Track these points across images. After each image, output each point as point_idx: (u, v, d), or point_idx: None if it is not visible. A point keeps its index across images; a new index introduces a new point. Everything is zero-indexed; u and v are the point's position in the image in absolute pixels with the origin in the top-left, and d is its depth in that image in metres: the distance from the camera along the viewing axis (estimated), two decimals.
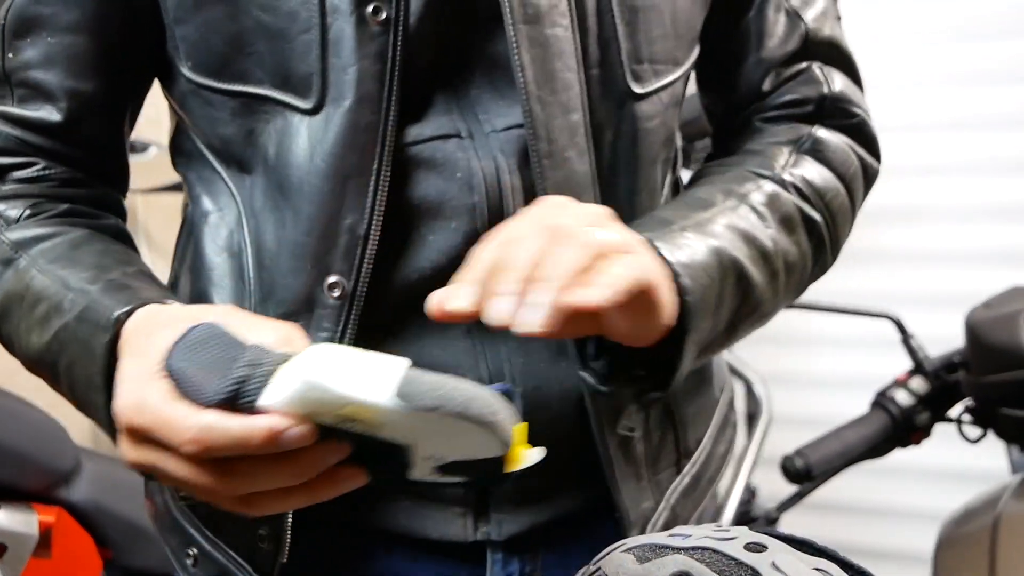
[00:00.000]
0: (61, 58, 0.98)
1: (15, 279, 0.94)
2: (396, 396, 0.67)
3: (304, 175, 0.92)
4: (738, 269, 0.93)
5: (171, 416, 0.71)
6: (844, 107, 1.10)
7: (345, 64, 0.90)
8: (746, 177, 1.01)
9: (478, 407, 0.69)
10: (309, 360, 0.69)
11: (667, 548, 0.72)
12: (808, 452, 1.89)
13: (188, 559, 1.04)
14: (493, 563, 1.01)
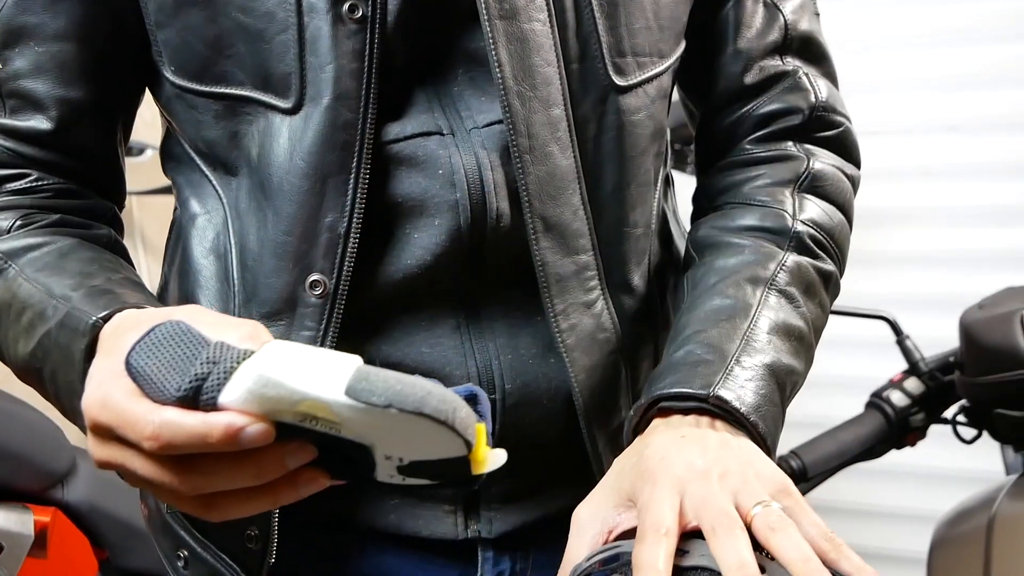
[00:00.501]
0: (50, 66, 0.97)
1: (3, 289, 0.94)
2: (347, 392, 0.66)
3: (284, 174, 0.93)
4: (788, 372, 0.94)
5: (132, 412, 0.71)
6: (829, 117, 1.11)
7: (322, 63, 0.91)
8: (766, 254, 1.01)
9: (434, 404, 0.67)
10: (265, 356, 0.69)
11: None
12: (803, 453, 1.88)
13: (179, 561, 1.05)
14: (483, 561, 1.02)
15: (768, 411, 0.89)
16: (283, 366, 0.68)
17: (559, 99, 0.95)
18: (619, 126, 0.98)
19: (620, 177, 1.00)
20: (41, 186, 1.00)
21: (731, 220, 1.05)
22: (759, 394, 0.89)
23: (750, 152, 1.10)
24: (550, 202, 0.94)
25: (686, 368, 0.90)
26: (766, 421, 0.88)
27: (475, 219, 0.94)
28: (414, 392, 0.67)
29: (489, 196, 0.94)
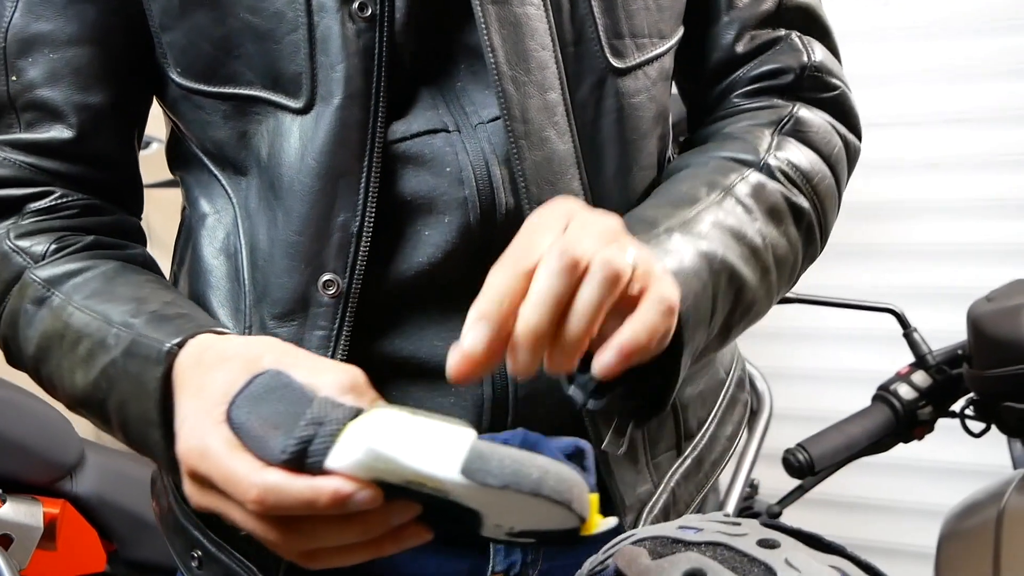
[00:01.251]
0: (66, 72, 0.97)
1: (52, 318, 0.93)
2: (463, 472, 0.65)
3: (295, 174, 0.93)
4: (729, 270, 0.90)
5: (234, 471, 0.70)
6: (824, 79, 1.08)
7: (333, 62, 0.91)
8: (730, 167, 0.99)
9: (551, 486, 0.66)
10: (375, 425, 0.67)
11: (679, 543, 0.73)
12: (810, 446, 1.89)
13: (193, 561, 1.05)
14: (495, 552, 1.02)
15: (689, 282, 0.85)
16: (393, 440, 0.66)
17: (555, 83, 0.94)
18: (619, 109, 0.98)
19: (622, 161, 0.99)
20: (66, 203, 0.99)
21: (703, 152, 1.03)
22: (682, 263, 0.85)
23: (737, 104, 1.08)
24: (548, 188, 0.93)
25: None
26: (684, 288, 0.83)
27: (484, 215, 0.94)
28: (531, 473, 0.65)
29: (497, 192, 0.94)
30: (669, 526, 0.76)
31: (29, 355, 0.96)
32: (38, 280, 0.95)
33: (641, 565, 0.71)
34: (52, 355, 0.93)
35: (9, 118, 0.99)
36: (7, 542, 1.89)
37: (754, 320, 0.99)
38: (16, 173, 0.99)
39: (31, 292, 0.95)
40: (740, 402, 1.21)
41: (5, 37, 0.97)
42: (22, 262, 0.96)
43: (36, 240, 0.97)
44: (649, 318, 0.72)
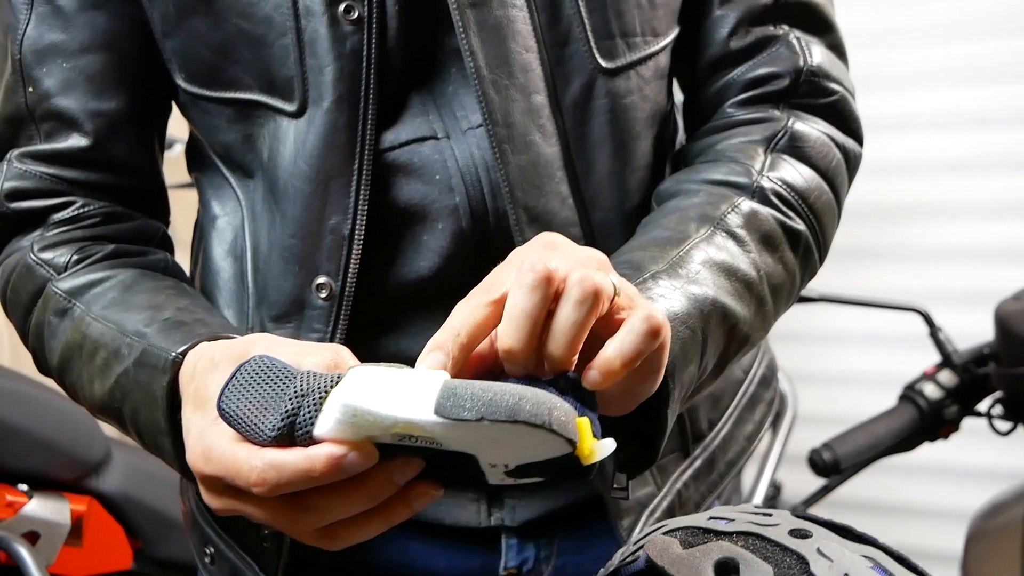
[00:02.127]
0: (79, 80, 0.98)
1: (72, 329, 0.93)
2: (436, 411, 0.64)
3: (289, 177, 0.93)
4: (721, 310, 0.87)
5: (234, 460, 0.70)
6: (820, 84, 1.03)
7: (321, 65, 0.91)
8: (720, 195, 0.95)
9: (527, 409, 0.64)
10: (349, 384, 0.68)
11: (710, 533, 0.73)
12: (836, 445, 1.88)
13: (207, 557, 1.06)
14: (507, 548, 1.02)
15: (676, 331, 0.81)
16: (368, 392, 0.66)
17: (540, 86, 0.93)
18: (610, 110, 0.96)
19: (615, 162, 0.98)
20: (88, 212, 1.00)
21: (695, 173, 0.99)
22: (670, 310, 0.82)
23: (730, 116, 1.04)
24: (533, 192, 0.93)
25: None
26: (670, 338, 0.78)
27: (476, 220, 0.94)
28: (505, 400, 0.64)
29: (488, 197, 0.94)
30: (700, 516, 0.75)
31: (54, 366, 0.97)
32: (59, 292, 0.96)
33: (672, 554, 0.70)
34: (73, 365, 0.94)
35: (29, 130, 1.00)
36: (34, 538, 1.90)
37: (751, 349, 0.95)
38: (38, 185, 1.00)
39: (53, 304, 0.96)
40: (763, 401, 1.19)
41: (20, 49, 0.98)
42: (45, 274, 0.97)
43: (58, 252, 0.98)
44: (632, 338, 0.69)
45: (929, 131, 2.90)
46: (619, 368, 0.69)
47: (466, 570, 1.02)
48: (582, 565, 1.03)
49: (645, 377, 0.74)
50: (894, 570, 0.69)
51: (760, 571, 0.67)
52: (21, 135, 1.01)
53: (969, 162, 2.89)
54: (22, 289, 0.99)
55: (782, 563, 0.68)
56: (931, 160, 2.91)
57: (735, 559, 0.68)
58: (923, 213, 2.92)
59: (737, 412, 1.14)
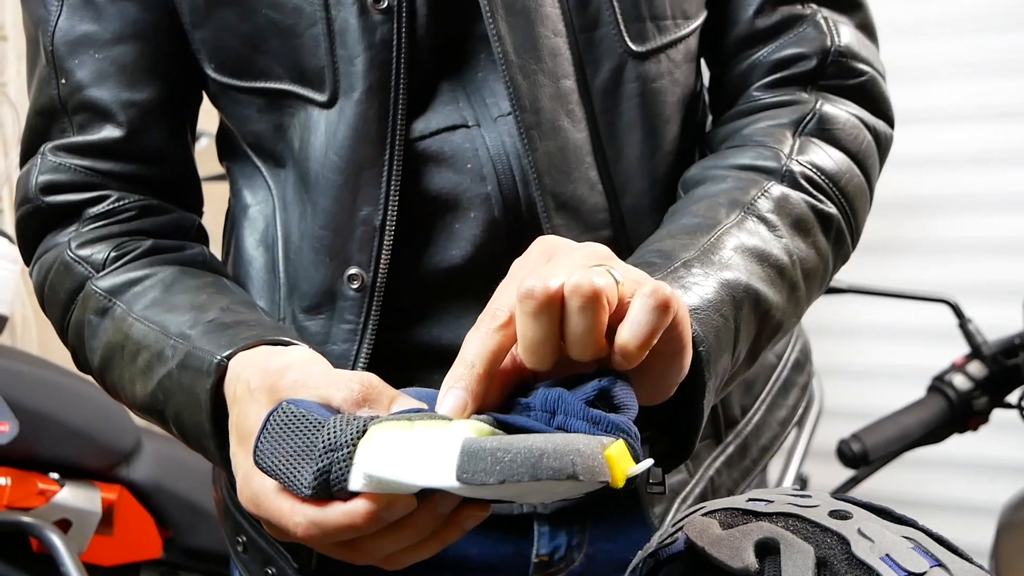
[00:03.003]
0: (112, 71, 0.98)
1: (113, 329, 0.93)
2: (458, 478, 0.63)
3: (320, 168, 0.93)
4: (753, 296, 0.85)
5: (279, 513, 0.71)
6: (849, 64, 1.00)
7: (352, 55, 0.91)
8: (750, 180, 0.93)
9: (549, 465, 0.62)
10: (373, 450, 0.67)
11: (750, 514, 0.72)
12: (864, 436, 1.87)
13: (239, 545, 1.06)
14: (539, 536, 1.02)
15: (710, 318, 0.80)
16: (388, 461, 0.66)
17: (569, 70, 0.93)
18: (640, 94, 0.95)
19: (645, 146, 0.97)
20: (124, 206, 0.99)
21: (722, 159, 0.97)
22: (703, 297, 0.81)
23: (757, 99, 1.01)
24: (562, 178, 0.93)
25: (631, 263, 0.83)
26: (704, 326, 0.79)
27: (509, 208, 0.94)
28: (526, 459, 0.62)
29: (520, 185, 0.93)
30: (739, 499, 0.75)
31: (95, 365, 0.97)
32: (99, 291, 0.95)
33: (712, 535, 0.70)
34: (114, 365, 0.94)
35: (62, 122, 1.00)
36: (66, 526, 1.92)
37: (783, 336, 0.94)
38: (73, 178, 0.99)
39: (93, 303, 0.96)
40: (796, 386, 1.18)
41: (52, 41, 0.98)
42: (84, 272, 0.97)
43: (96, 248, 0.98)
44: (641, 316, 0.68)
45: (953, 124, 2.89)
46: (635, 349, 0.68)
47: (498, 558, 1.02)
48: (614, 552, 1.03)
49: (670, 359, 0.73)
50: (935, 551, 0.69)
51: (801, 551, 0.67)
52: (54, 127, 1.01)
53: (994, 155, 2.87)
54: (60, 287, 0.99)
55: (823, 543, 0.68)
56: (956, 153, 2.90)
57: (775, 539, 0.68)
58: (948, 206, 2.91)
59: (770, 397, 1.13)
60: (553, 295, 0.67)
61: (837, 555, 0.67)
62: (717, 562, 0.68)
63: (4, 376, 1.89)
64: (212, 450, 0.85)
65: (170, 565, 2.16)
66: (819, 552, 0.67)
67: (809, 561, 0.66)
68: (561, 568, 1.03)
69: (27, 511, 1.86)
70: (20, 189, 1.02)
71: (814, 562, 0.66)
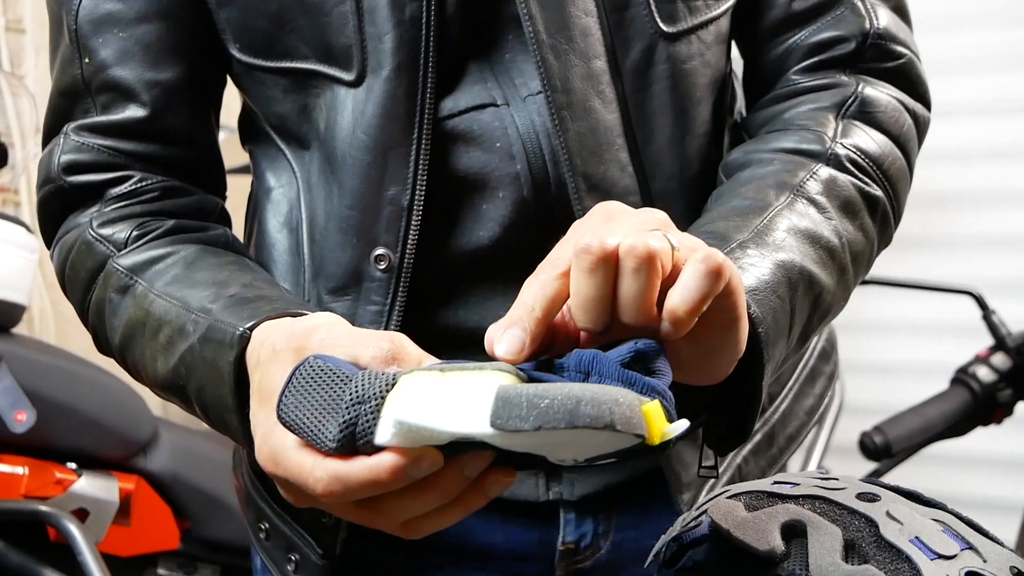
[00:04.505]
0: (135, 51, 0.97)
1: (135, 306, 0.92)
2: (492, 423, 0.61)
3: (347, 148, 0.92)
4: (807, 278, 0.85)
5: (300, 468, 0.69)
6: (888, 47, 1.00)
7: (380, 32, 0.90)
8: (797, 163, 0.93)
9: (587, 413, 0.61)
10: (404, 396, 0.65)
11: (775, 496, 0.71)
12: (887, 428, 1.86)
13: (262, 533, 1.05)
14: (566, 523, 1.01)
15: (767, 300, 0.80)
16: (420, 407, 0.64)
17: (600, 51, 0.92)
18: (671, 75, 0.95)
19: (675, 128, 0.96)
20: (146, 187, 0.99)
21: (765, 143, 0.97)
22: (759, 279, 0.80)
23: (796, 83, 1.00)
24: (593, 159, 0.92)
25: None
26: (762, 307, 0.79)
27: (538, 188, 0.93)
28: (563, 405, 0.61)
29: (549, 164, 0.93)
30: (764, 481, 0.74)
31: (115, 344, 0.96)
32: (121, 269, 0.94)
33: (738, 517, 0.69)
34: (136, 343, 0.93)
35: (85, 102, 0.99)
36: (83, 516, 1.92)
37: (831, 319, 0.94)
38: (96, 158, 0.99)
39: (114, 281, 0.95)
40: (823, 375, 1.18)
41: (76, 19, 0.98)
42: (105, 251, 0.96)
43: (118, 227, 0.97)
44: (692, 281, 0.67)
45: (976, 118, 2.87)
46: (685, 315, 0.67)
47: (524, 545, 1.01)
48: (640, 540, 1.02)
49: (723, 330, 0.72)
50: (965, 534, 0.68)
51: (828, 533, 0.66)
52: (77, 108, 1.00)
53: (1017, 148, 2.86)
54: (81, 267, 0.98)
55: (850, 526, 0.67)
56: (978, 146, 2.88)
57: (802, 521, 0.67)
58: (970, 200, 2.89)
59: (798, 386, 1.12)
60: (609, 253, 0.66)
61: (865, 537, 0.66)
62: (742, 544, 0.67)
63: (22, 365, 1.89)
64: (235, 425, 0.83)
65: (187, 556, 2.16)
66: (847, 534, 0.66)
67: (837, 543, 0.65)
68: (587, 556, 1.02)
69: (44, 500, 1.87)
70: (42, 169, 1.01)
71: (842, 544, 0.65)
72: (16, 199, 2.65)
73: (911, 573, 0.64)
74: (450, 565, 1.03)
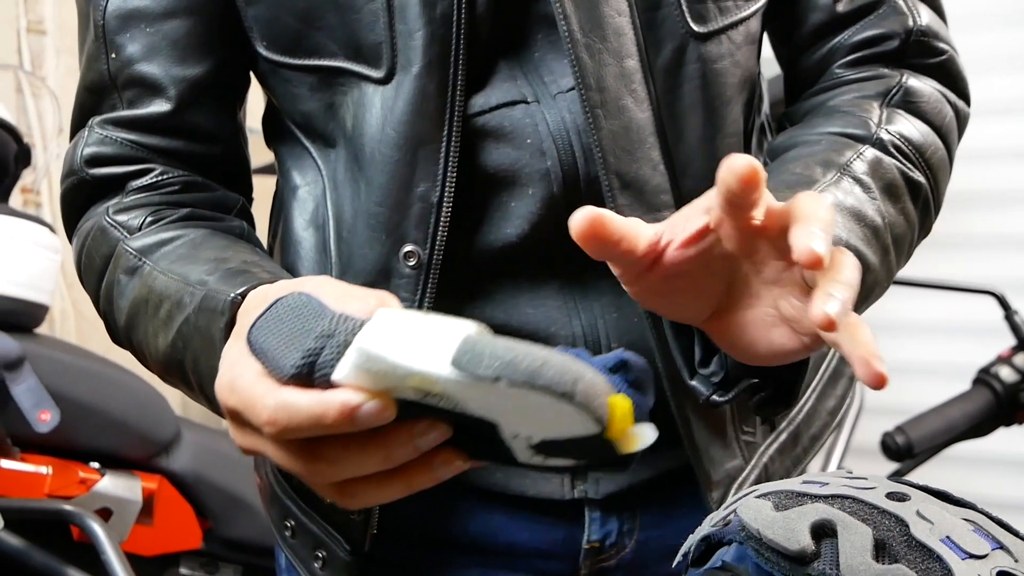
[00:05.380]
0: (163, 46, 0.97)
1: (140, 285, 0.92)
2: (453, 364, 0.59)
3: (376, 144, 0.92)
4: (853, 253, 0.84)
5: (251, 396, 0.67)
6: (930, 43, 1.02)
7: (411, 30, 0.90)
8: (843, 143, 0.94)
9: (549, 375, 0.58)
10: (371, 328, 0.63)
11: (804, 496, 0.71)
12: (909, 429, 1.86)
13: (287, 531, 1.05)
14: (591, 521, 1.01)
15: None
16: (387, 339, 0.62)
17: (632, 50, 0.92)
18: (701, 75, 0.95)
19: (705, 128, 0.96)
20: (167, 180, 0.99)
21: (810, 128, 0.98)
22: None
23: (840, 76, 1.02)
24: (626, 157, 0.92)
25: None
26: None
27: (568, 186, 0.93)
28: (528, 362, 0.59)
29: (579, 161, 0.93)
30: (793, 481, 0.74)
31: (121, 326, 0.95)
32: (131, 250, 0.95)
33: (766, 517, 0.69)
34: (139, 322, 0.93)
35: (112, 98, 1.00)
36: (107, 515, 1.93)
37: (872, 303, 0.94)
38: (119, 151, 0.99)
39: (123, 262, 0.95)
40: (844, 375, 1.17)
41: (104, 15, 0.98)
42: (118, 235, 0.96)
43: (133, 214, 0.97)
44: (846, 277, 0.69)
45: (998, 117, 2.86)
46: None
47: (548, 543, 1.01)
48: (665, 538, 1.02)
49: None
50: (996, 533, 0.67)
51: (858, 533, 0.66)
52: (104, 103, 1.00)
53: None
54: (96, 252, 0.98)
55: (881, 525, 0.67)
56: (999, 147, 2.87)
57: (832, 521, 0.67)
58: (992, 200, 2.88)
59: (820, 386, 1.12)
60: None
61: (896, 537, 0.66)
62: (772, 544, 0.67)
63: (45, 365, 1.90)
64: None
65: (209, 556, 2.17)
66: (877, 534, 0.66)
67: (867, 543, 0.65)
68: (612, 554, 1.02)
69: (68, 500, 1.88)
70: (66, 162, 1.02)
71: (872, 544, 0.65)
72: (37, 200, 2.67)
73: (942, 572, 0.63)
74: (476, 564, 1.03)
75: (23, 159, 2.09)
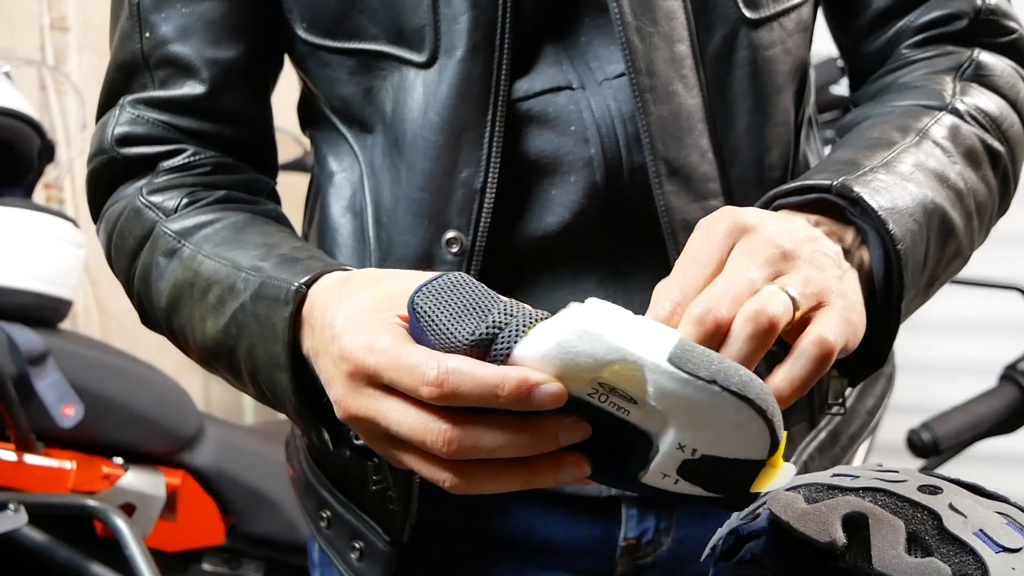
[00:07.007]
0: (197, 27, 0.97)
1: (182, 268, 0.91)
2: (670, 359, 0.61)
3: (419, 129, 0.92)
4: (941, 214, 0.84)
5: (409, 357, 0.65)
6: (999, 22, 1.00)
7: (456, 13, 0.90)
8: (919, 111, 0.92)
9: (757, 391, 0.61)
10: (583, 312, 0.63)
11: (835, 489, 0.71)
12: (935, 425, 1.85)
13: (322, 521, 1.05)
14: (627, 519, 1.00)
15: (904, 222, 0.79)
16: (605, 322, 0.62)
17: (683, 35, 0.91)
18: (752, 62, 0.94)
19: (755, 116, 0.95)
20: (198, 161, 0.98)
21: (883, 104, 0.96)
22: (894, 201, 0.80)
23: (908, 56, 1.00)
24: (674, 143, 0.91)
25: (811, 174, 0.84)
26: (900, 227, 0.78)
27: (610, 174, 0.92)
28: (739, 374, 0.61)
29: (623, 150, 0.92)
30: (823, 474, 0.73)
31: (161, 308, 0.95)
32: (169, 232, 0.94)
33: (797, 509, 0.68)
34: (183, 305, 0.92)
35: (143, 77, 0.99)
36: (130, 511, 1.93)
37: (953, 274, 0.92)
38: (150, 131, 0.98)
39: (162, 244, 0.94)
40: (882, 375, 1.17)
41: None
42: (154, 216, 0.96)
43: (168, 195, 0.96)
44: (800, 364, 0.69)
45: None
46: (788, 395, 0.69)
47: (585, 541, 1.01)
48: (702, 536, 1.00)
49: None
50: None
51: (891, 526, 0.65)
52: (135, 82, 1.00)
53: None
54: (129, 233, 0.97)
55: (913, 518, 0.66)
56: None
57: (864, 514, 0.66)
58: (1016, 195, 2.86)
59: (860, 385, 1.11)
60: (722, 324, 0.68)
61: (928, 530, 0.65)
62: (803, 537, 0.66)
63: (69, 360, 1.91)
64: (284, 384, 0.81)
65: (232, 552, 2.17)
66: (909, 527, 0.65)
67: (900, 536, 0.64)
68: (649, 552, 1.01)
69: (92, 495, 1.88)
70: (95, 141, 1.01)
71: (905, 537, 0.64)
72: (60, 196, 2.68)
73: (976, 566, 0.63)
74: (513, 560, 1.02)
75: (47, 155, 2.10)
